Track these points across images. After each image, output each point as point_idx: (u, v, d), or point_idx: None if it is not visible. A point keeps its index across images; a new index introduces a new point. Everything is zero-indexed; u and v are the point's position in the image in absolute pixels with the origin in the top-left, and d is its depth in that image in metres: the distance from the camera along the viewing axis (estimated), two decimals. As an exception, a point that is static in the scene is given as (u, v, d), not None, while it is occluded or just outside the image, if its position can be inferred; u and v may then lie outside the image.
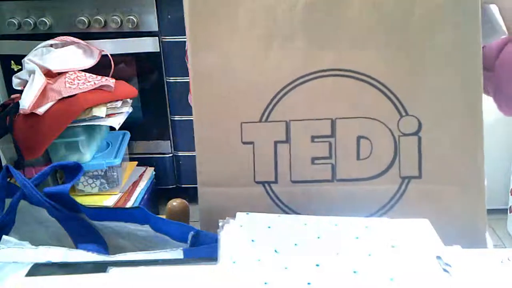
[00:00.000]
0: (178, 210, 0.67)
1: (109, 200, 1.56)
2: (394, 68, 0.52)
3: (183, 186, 1.98)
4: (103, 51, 1.55)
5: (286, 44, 0.52)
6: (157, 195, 1.88)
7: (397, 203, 0.53)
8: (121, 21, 1.70)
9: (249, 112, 0.53)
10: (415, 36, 0.52)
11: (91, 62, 1.52)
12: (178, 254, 0.47)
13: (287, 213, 0.54)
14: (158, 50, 1.75)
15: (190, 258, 0.47)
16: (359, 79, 0.52)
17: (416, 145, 0.53)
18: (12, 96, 1.51)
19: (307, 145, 0.53)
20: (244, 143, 0.53)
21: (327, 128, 0.53)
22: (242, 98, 0.53)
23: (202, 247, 0.48)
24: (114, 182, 1.58)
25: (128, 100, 1.57)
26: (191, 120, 0.54)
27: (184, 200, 0.68)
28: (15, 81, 1.43)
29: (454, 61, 0.52)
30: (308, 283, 0.39)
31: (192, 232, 0.50)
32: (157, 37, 1.74)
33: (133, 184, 1.69)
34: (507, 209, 1.89)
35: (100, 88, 1.45)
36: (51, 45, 1.49)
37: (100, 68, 1.54)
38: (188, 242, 0.50)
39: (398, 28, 0.52)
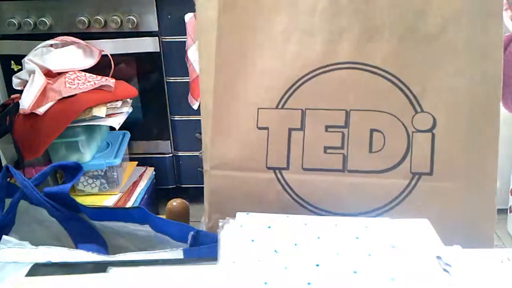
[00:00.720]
0: (178, 210, 0.67)
1: (109, 200, 1.56)
2: (411, 64, 0.52)
3: (183, 186, 1.98)
4: (103, 51, 1.55)
5: (305, 38, 0.53)
6: (157, 195, 1.87)
7: (406, 198, 0.53)
8: (121, 21, 1.70)
9: (266, 99, 0.54)
10: (431, 32, 0.51)
11: (91, 62, 1.51)
12: (178, 254, 0.47)
13: (295, 200, 0.55)
14: (158, 50, 1.75)
15: (190, 258, 0.47)
16: (375, 72, 0.52)
17: (429, 142, 0.52)
18: (12, 96, 1.51)
19: (320, 134, 0.54)
20: (259, 128, 0.54)
21: (341, 119, 0.53)
22: (260, 85, 0.54)
23: (202, 247, 0.48)
24: (114, 182, 1.58)
25: (128, 100, 1.57)
26: (191, 120, 0.54)
27: (184, 200, 0.68)
28: (15, 81, 1.43)
29: (472, 59, 0.51)
30: (308, 283, 0.39)
31: (192, 232, 0.50)
32: (157, 37, 1.73)
33: (133, 184, 1.69)
34: (507, 209, 1.89)
35: (100, 88, 1.45)
36: (51, 45, 1.49)
37: (100, 68, 1.54)
38: (188, 242, 0.50)
39: (414, 23, 0.51)
